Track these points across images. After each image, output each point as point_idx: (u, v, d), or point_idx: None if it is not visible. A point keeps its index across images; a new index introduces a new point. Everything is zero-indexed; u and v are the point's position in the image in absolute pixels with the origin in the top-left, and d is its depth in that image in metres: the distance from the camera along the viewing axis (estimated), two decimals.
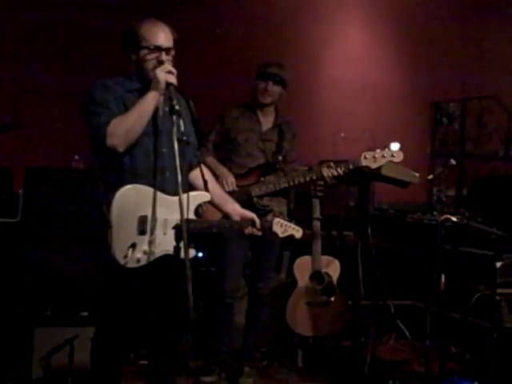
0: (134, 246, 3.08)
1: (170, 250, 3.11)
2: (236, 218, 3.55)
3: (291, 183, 4.47)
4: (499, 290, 3.73)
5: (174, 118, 3.04)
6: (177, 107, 3.05)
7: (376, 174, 5.29)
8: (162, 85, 3.14)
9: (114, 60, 5.97)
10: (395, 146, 4.42)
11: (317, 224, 5.15)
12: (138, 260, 3.10)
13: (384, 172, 5.19)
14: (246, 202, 4.40)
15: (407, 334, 5.43)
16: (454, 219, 3.84)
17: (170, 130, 3.07)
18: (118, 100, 3.23)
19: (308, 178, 4.46)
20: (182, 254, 2.95)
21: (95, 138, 3.18)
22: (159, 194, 3.17)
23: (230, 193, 4.38)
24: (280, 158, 4.60)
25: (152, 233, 3.14)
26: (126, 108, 3.21)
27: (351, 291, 5.34)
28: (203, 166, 3.30)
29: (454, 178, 7.44)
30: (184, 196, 2.94)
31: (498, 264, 3.75)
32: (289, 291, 5.12)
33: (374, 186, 5.89)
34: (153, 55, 3.23)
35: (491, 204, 5.57)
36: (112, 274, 3.17)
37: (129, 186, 3.11)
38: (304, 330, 5.06)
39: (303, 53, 6.96)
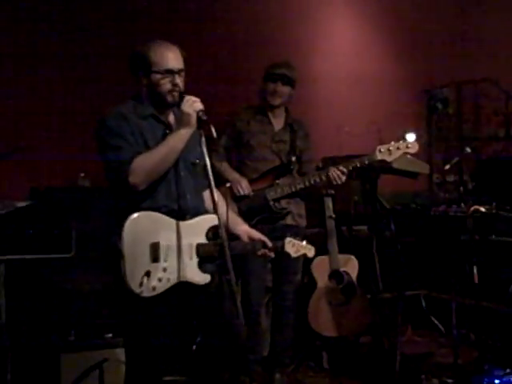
0: (148, 274, 3.01)
1: (188, 276, 3.10)
2: (245, 239, 3.41)
3: (307, 184, 4.39)
4: None
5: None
6: (204, 117, 3.03)
7: (387, 167, 5.24)
8: (194, 117, 3.07)
9: (113, 79, 5.93)
10: (411, 137, 4.35)
11: (331, 222, 5.09)
12: (154, 288, 3.03)
13: (396, 165, 5.14)
14: (262, 206, 4.34)
15: (441, 328, 5.36)
16: (483, 210, 3.79)
17: (185, 154, 3.14)
18: (133, 129, 3.13)
19: (324, 178, 4.37)
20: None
21: (115, 172, 3.09)
22: (171, 220, 3.09)
23: (246, 197, 4.32)
24: (294, 158, 4.51)
25: (166, 259, 3.06)
26: (142, 137, 3.13)
27: (369, 286, 5.28)
28: (213, 189, 3.12)
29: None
30: (205, 217, 3.17)
31: None
32: (307, 292, 5.05)
33: None
34: (166, 79, 3.17)
35: (496, 187, 5.51)
36: (133, 303, 3.07)
37: (138, 214, 3.03)
38: (328, 330, 5.00)
39: (294, 51, 6.85)
